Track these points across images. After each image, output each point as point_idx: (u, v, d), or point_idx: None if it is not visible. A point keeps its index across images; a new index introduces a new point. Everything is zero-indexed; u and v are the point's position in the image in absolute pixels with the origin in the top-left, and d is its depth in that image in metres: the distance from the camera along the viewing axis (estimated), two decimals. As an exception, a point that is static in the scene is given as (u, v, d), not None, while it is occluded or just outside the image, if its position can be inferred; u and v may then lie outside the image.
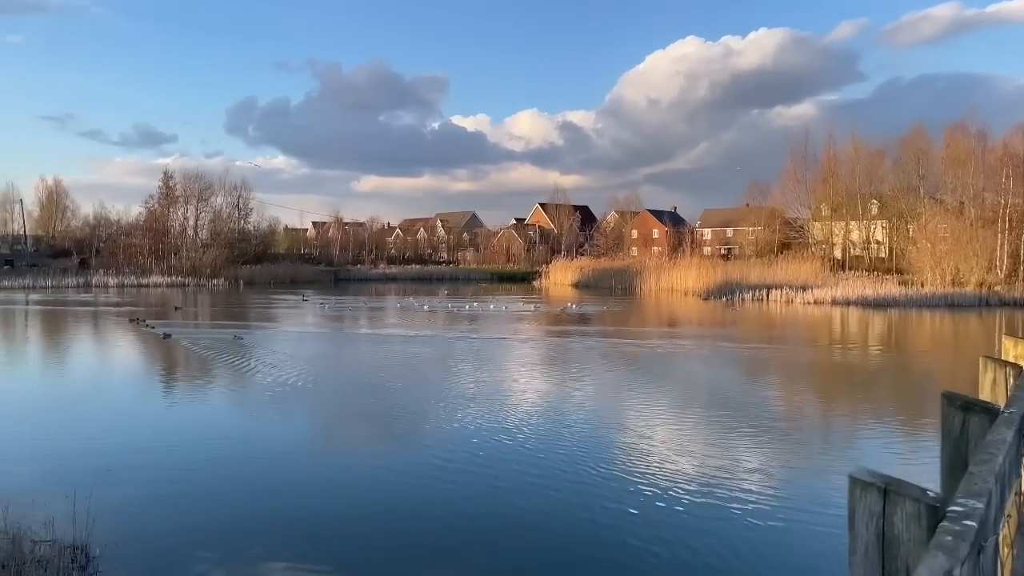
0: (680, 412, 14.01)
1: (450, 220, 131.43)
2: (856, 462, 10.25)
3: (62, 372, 20.41)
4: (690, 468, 10.01)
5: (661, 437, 11.92)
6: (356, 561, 7.04)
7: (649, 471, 9.86)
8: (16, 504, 7.25)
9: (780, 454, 10.95)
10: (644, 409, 14.27)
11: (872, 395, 16.69)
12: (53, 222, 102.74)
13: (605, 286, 63.06)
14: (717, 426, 12.70)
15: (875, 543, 2.07)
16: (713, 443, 11.47)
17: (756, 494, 8.83)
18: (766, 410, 14.26)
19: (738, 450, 11.03)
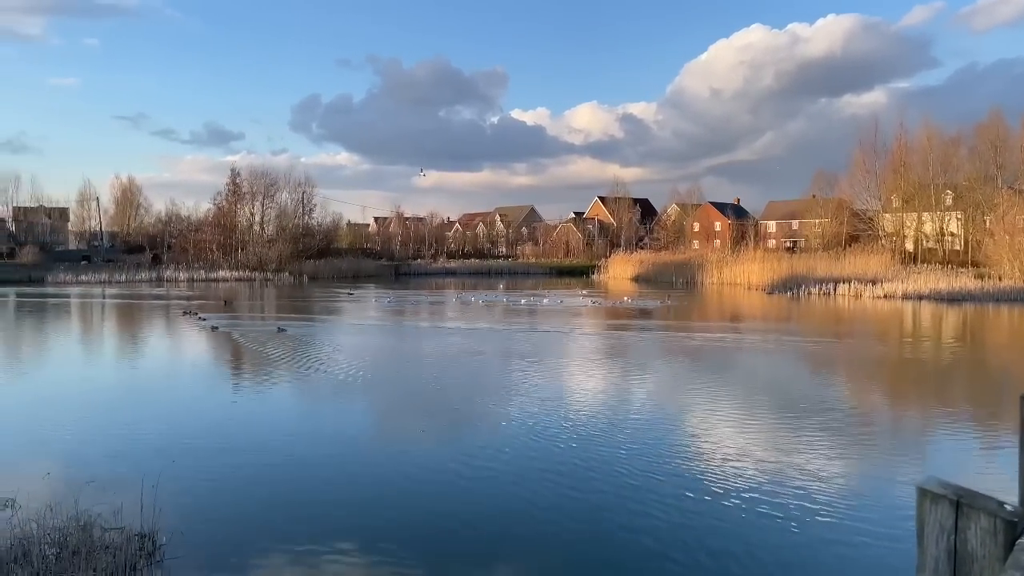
0: (742, 410, 13.69)
1: (509, 214, 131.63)
2: (925, 468, 9.87)
3: (120, 363, 21.16)
4: (751, 470, 9.76)
5: (721, 435, 11.67)
6: (413, 553, 7.07)
7: (708, 471, 9.65)
8: (86, 493, 7.53)
9: (845, 457, 10.58)
10: (705, 405, 14.01)
11: (944, 395, 16.03)
12: (127, 219, 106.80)
13: (665, 280, 62.23)
14: (780, 425, 12.36)
15: (946, 560, 1.93)
16: (775, 444, 11.16)
17: (819, 500, 8.51)
18: (832, 408, 13.81)
19: (801, 452, 10.70)
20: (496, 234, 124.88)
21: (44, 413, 13.69)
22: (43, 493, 8.14)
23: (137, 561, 6.54)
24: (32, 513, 7.10)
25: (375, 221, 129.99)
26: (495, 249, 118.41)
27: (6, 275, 69.44)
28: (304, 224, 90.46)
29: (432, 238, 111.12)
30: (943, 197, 64.69)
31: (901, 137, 68.16)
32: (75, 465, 9.74)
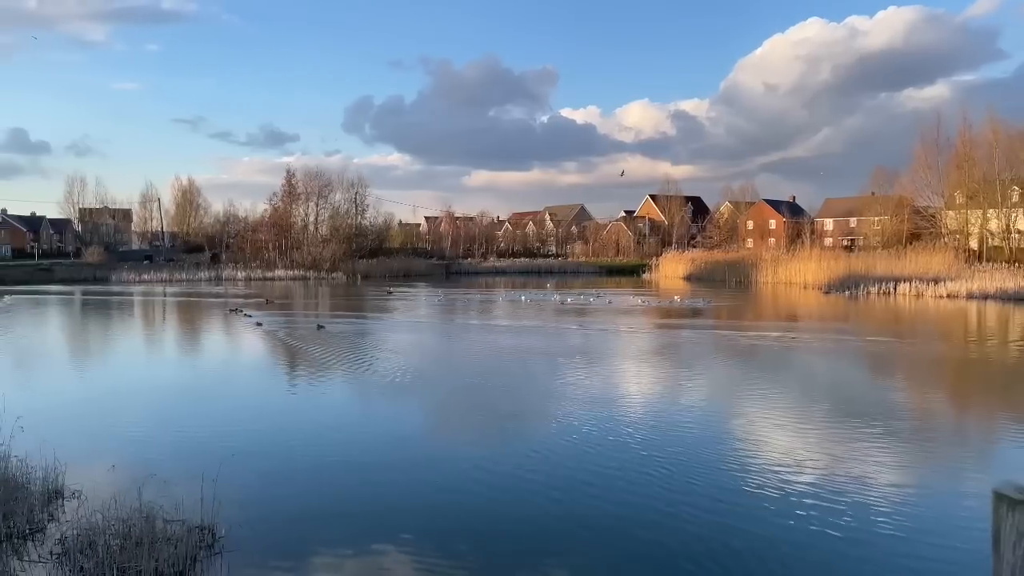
0: (797, 413, 13.40)
1: (559, 213, 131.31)
2: (992, 475, 9.50)
3: (175, 359, 21.82)
4: (807, 477, 9.50)
5: (776, 440, 11.43)
6: (465, 552, 7.09)
7: (763, 478, 9.44)
8: (149, 485, 7.73)
9: (910, 462, 10.25)
10: (759, 408, 13.74)
11: (1012, 398, 15.42)
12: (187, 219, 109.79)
13: (718, 279, 61.31)
14: (838, 430, 12.02)
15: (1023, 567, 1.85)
16: (833, 449, 10.86)
17: (882, 511, 8.22)
18: (893, 412, 13.41)
19: (861, 458, 10.38)
20: (546, 233, 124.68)
21: (109, 407, 14.16)
22: (108, 485, 8.40)
23: (198, 553, 6.70)
24: (98, 504, 7.33)
25: (426, 221, 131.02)
26: (545, 248, 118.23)
27: (73, 274, 72.04)
28: (357, 224, 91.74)
29: (482, 237, 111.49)
30: (1010, 193, 62.27)
31: (965, 131, 65.81)
32: (138, 458, 10.03)
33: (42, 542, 6.96)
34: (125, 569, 6.07)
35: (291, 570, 6.67)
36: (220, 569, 6.57)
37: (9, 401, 12.32)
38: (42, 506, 7.68)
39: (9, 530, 7.05)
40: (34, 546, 6.88)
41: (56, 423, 12.30)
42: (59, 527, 7.22)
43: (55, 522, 7.42)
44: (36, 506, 7.58)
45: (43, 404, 14.23)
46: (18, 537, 7.02)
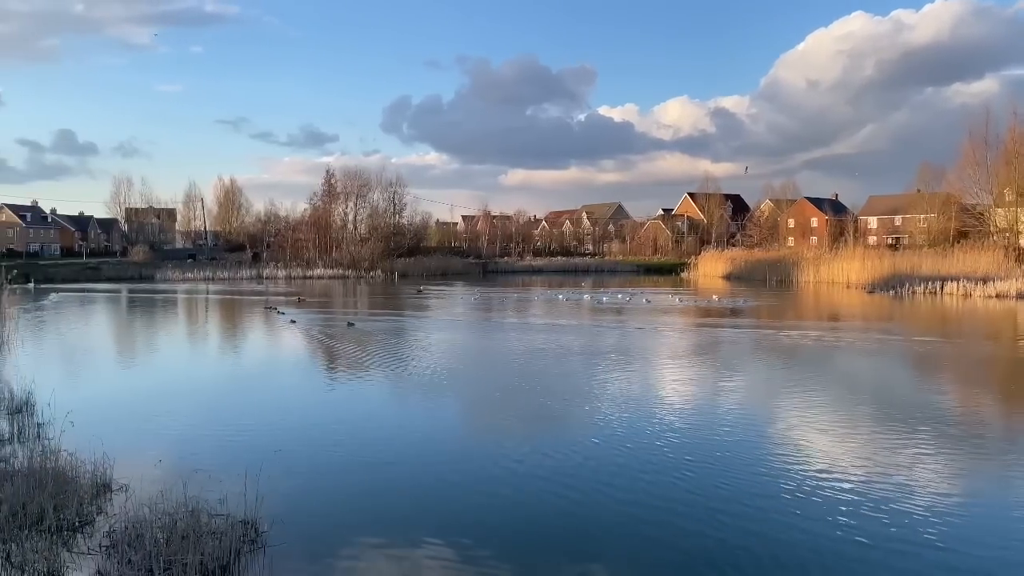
0: (843, 414, 13.14)
1: (596, 212, 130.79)
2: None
3: (216, 356, 22.29)
4: (853, 481, 9.30)
5: (820, 441, 11.21)
6: (503, 550, 7.09)
7: (806, 480, 9.28)
8: (195, 480, 7.88)
9: (959, 469, 9.95)
10: (801, 409, 13.51)
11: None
12: (229, 219, 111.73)
13: (758, 278, 60.48)
14: (885, 432, 11.74)
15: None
16: (880, 452, 10.62)
17: (931, 516, 7.99)
18: (942, 414, 13.05)
19: (909, 461, 10.12)
20: (583, 232, 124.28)
21: (154, 403, 14.47)
22: (155, 479, 8.58)
23: (241, 547, 6.80)
24: (145, 498, 7.49)
25: (463, 220, 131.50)
26: (581, 247, 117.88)
27: (119, 273, 73.81)
28: (395, 223, 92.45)
29: (519, 236, 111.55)
30: (1062, 190, 60.35)
31: (1015, 127, 63.83)
32: (183, 453, 10.22)
33: (91, 534, 7.13)
34: (171, 562, 6.18)
35: (331, 566, 6.74)
36: (262, 564, 6.66)
37: (59, 397, 12.66)
38: (91, 499, 7.86)
39: (59, 522, 7.23)
40: (83, 538, 7.05)
41: (104, 418, 12.59)
42: (107, 520, 7.38)
43: (104, 515, 7.59)
44: (85, 499, 7.77)
45: (92, 400, 14.58)
46: (68, 529, 7.19)
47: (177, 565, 6.15)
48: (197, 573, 6.18)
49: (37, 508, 7.30)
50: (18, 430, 11.11)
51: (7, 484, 7.94)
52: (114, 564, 6.30)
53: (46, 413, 11.91)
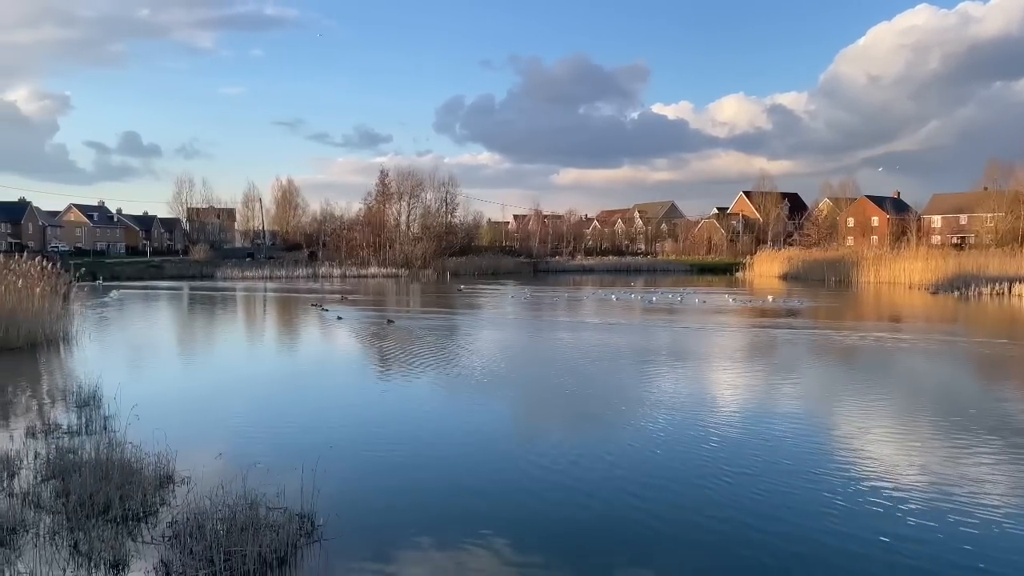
0: (904, 420, 12.74)
1: (648, 210, 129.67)
2: None
3: (269, 351, 22.80)
4: (914, 493, 8.97)
5: (878, 448, 10.87)
6: (551, 551, 7.06)
7: (862, 489, 9.01)
8: (253, 474, 8.05)
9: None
10: (859, 413, 13.15)
11: None
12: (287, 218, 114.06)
13: (816, 278, 59.17)
14: (950, 440, 11.29)
15: None
16: (944, 463, 10.20)
17: (997, 534, 7.71)
18: (1011, 422, 12.54)
19: (974, 472, 9.72)
20: (635, 231, 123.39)
21: (213, 397, 14.88)
22: (215, 472, 8.79)
23: (298, 540, 6.92)
24: (205, 490, 7.68)
25: (514, 219, 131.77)
26: (634, 246, 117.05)
27: (181, 270, 75.95)
28: (447, 223, 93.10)
29: (570, 235, 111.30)
30: None
31: (1091, 121, 61.16)
32: (241, 447, 10.45)
33: (155, 525, 7.33)
34: (231, 553, 6.32)
35: (385, 560, 6.80)
36: (318, 556, 6.77)
37: (124, 391, 13.08)
38: (154, 490, 8.09)
39: (125, 512, 7.46)
40: (147, 528, 7.26)
41: (166, 412, 12.95)
42: (170, 511, 7.59)
43: (166, 506, 7.80)
44: (149, 490, 7.99)
45: (154, 394, 15.02)
46: (133, 519, 7.42)
47: (237, 556, 6.28)
48: (256, 564, 6.31)
49: (104, 498, 7.55)
50: (85, 422, 11.51)
51: (76, 475, 8.23)
52: (176, 554, 6.47)
53: (112, 406, 12.31)
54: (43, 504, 7.72)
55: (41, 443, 10.21)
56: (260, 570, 6.31)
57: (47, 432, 10.88)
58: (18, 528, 7.04)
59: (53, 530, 7.07)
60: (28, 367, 18.03)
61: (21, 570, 6.26)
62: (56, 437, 10.61)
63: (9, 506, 7.53)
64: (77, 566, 6.41)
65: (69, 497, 7.69)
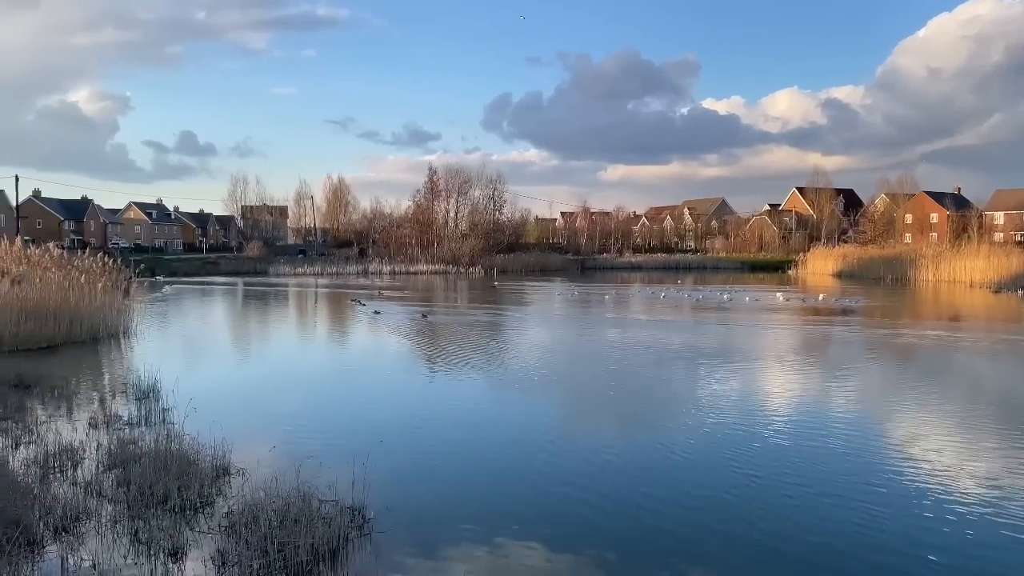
0: (964, 423, 12.29)
1: (698, 207, 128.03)
2: None
3: (313, 344, 23.27)
4: (976, 500, 8.72)
5: (941, 454, 10.52)
6: (600, 551, 7.01)
7: (920, 493, 8.74)
8: (307, 467, 8.17)
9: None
10: (919, 417, 12.76)
11: None
12: (337, 216, 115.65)
13: (872, 276, 57.68)
14: (1015, 444, 10.96)
15: None
16: (1013, 469, 9.92)
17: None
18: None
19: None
20: (684, 228, 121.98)
21: (267, 390, 15.19)
22: (269, 464, 8.94)
23: (349, 532, 7.00)
24: (260, 482, 7.82)
25: (561, 216, 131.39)
26: (683, 243, 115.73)
27: (236, 267, 77.66)
28: (494, 220, 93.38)
29: (618, 233, 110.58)
30: None
31: None
32: (294, 440, 10.63)
33: (211, 515, 7.50)
34: (285, 544, 6.42)
35: (434, 555, 6.84)
36: (369, 550, 6.84)
37: (182, 384, 13.42)
38: (211, 482, 8.27)
39: (183, 502, 7.65)
40: (204, 518, 7.43)
41: (222, 405, 13.26)
42: (226, 502, 7.75)
43: (222, 497, 7.97)
44: (206, 482, 8.18)
45: (210, 386, 15.40)
46: (190, 509, 7.59)
47: (290, 548, 6.38)
48: (309, 556, 6.40)
49: (163, 488, 7.74)
50: (145, 414, 11.83)
51: (136, 465, 8.47)
52: (232, 544, 6.60)
53: (170, 399, 12.62)
54: (105, 493, 7.95)
55: (103, 434, 10.51)
56: (313, 562, 6.40)
57: (109, 423, 11.21)
58: (81, 516, 7.27)
59: (114, 518, 7.28)
60: (90, 360, 18.63)
61: (84, 556, 6.46)
62: (117, 428, 10.92)
63: (73, 494, 7.77)
64: (137, 554, 6.59)
65: (130, 487, 7.91)
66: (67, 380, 14.96)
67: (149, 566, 6.36)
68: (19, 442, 10.09)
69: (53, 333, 20.02)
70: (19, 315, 19.50)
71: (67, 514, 7.20)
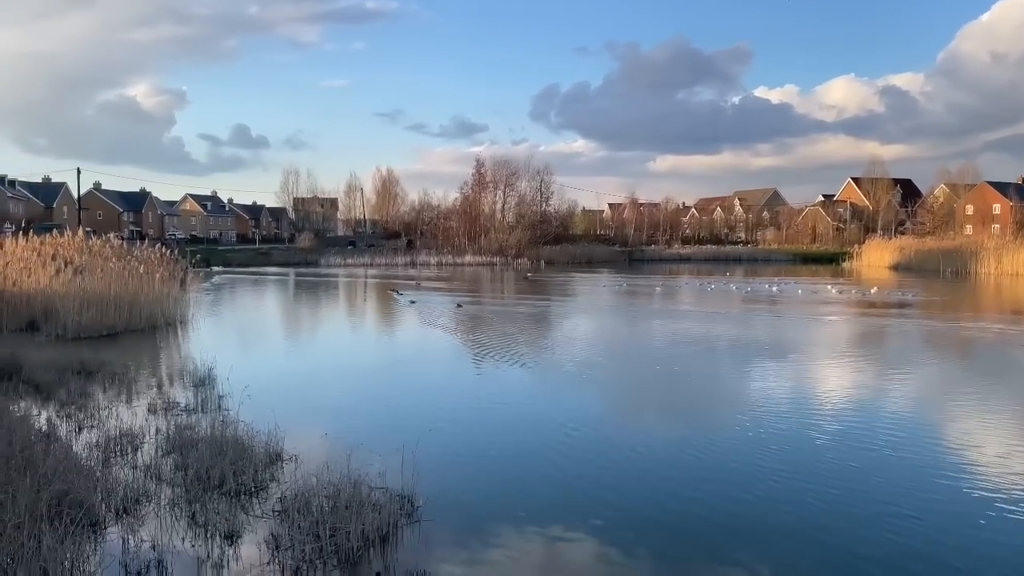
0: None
1: (749, 198, 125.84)
2: None
3: (359, 333, 23.60)
4: (1046, 484, 8.41)
5: (997, 453, 10.21)
6: (648, 542, 6.96)
7: (977, 497, 8.48)
8: (357, 454, 8.27)
9: None
10: (985, 418, 12.35)
11: None
12: (386, 207, 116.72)
13: (930, 269, 56.01)
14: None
15: None
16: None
17: None
18: None
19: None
20: (735, 219, 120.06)
21: (318, 378, 15.47)
22: (321, 451, 9.10)
23: (399, 519, 7.08)
24: (312, 468, 7.95)
25: (609, 207, 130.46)
26: (733, 235, 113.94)
27: (288, 258, 79.07)
28: (541, 211, 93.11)
29: (666, 224, 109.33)
30: None
31: None
32: (345, 428, 10.76)
33: (265, 500, 7.66)
34: (336, 530, 6.52)
35: (482, 543, 6.87)
36: (419, 536, 6.90)
37: (236, 371, 13.72)
38: (265, 467, 8.44)
39: (238, 487, 7.82)
40: (258, 503, 7.59)
41: (275, 392, 13.51)
42: (279, 487, 7.90)
43: (276, 482, 8.12)
44: (260, 467, 8.35)
45: (264, 373, 15.72)
46: (245, 494, 7.76)
47: (341, 533, 6.48)
48: (359, 542, 6.48)
49: (219, 473, 7.93)
50: (201, 401, 12.13)
51: (193, 450, 8.69)
52: (285, 529, 6.73)
53: (225, 386, 12.90)
54: (163, 477, 8.18)
55: (161, 419, 10.82)
56: (363, 547, 6.49)
57: (167, 409, 11.53)
58: (141, 498, 7.49)
59: (173, 501, 7.48)
60: (149, 348, 19.17)
61: (144, 537, 6.65)
62: (175, 414, 11.23)
63: (134, 477, 8.01)
64: (195, 536, 6.77)
65: (187, 471, 8.13)
66: (127, 367, 15.41)
67: (206, 548, 6.52)
68: (82, 426, 10.44)
69: (113, 321, 20.68)
70: (81, 304, 20.19)
71: (128, 496, 7.43)
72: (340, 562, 6.27)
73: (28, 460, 7.63)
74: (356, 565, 6.28)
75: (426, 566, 6.21)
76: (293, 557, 6.29)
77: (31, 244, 24.08)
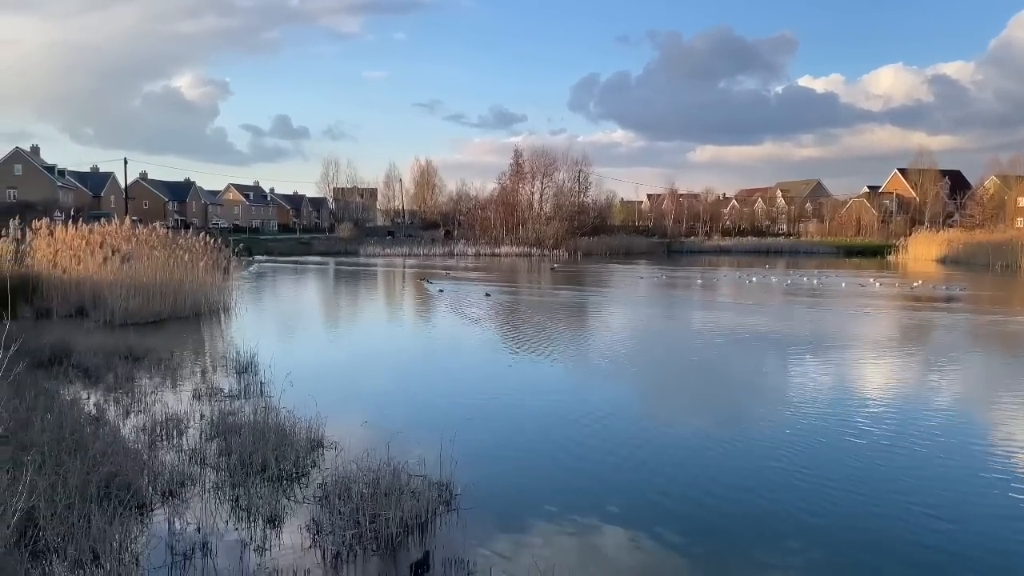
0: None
1: (791, 189, 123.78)
2: None
3: (394, 322, 23.94)
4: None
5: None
6: (681, 537, 6.92)
7: None
8: (397, 442, 8.34)
9: None
10: None
11: None
12: (424, 198, 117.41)
13: (979, 262, 54.57)
14: None
15: None
16: None
17: None
18: None
19: None
20: (776, 211, 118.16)
21: (357, 366, 15.67)
22: (360, 438, 9.21)
23: (437, 507, 7.14)
24: (352, 456, 8.05)
25: (648, 198, 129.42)
26: (775, 227, 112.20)
27: (328, 247, 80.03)
28: (579, 202, 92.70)
29: (706, 215, 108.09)
30: None
31: None
32: (384, 416, 10.88)
33: (306, 485, 7.78)
34: (375, 516, 6.60)
35: (519, 532, 6.89)
36: (456, 524, 6.95)
37: (278, 358, 13.94)
38: (306, 453, 8.57)
39: (280, 472, 7.96)
40: (300, 488, 7.71)
41: (316, 379, 13.67)
42: (320, 473, 8.02)
43: (317, 468, 8.25)
44: (301, 453, 8.49)
45: (305, 361, 15.93)
46: (287, 479, 7.90)
47: (380, 520, 6.55)
48: (398, 528, 6.55)
49: (261, 458, 8.08)
50: (244, 387, 12.35)
51: (236, 436, 8.86)
52: (326, 514, 6.83)
53: (267, 373, 13.12)
54: (207, 461, 8.35)
55: (206, 405, 11.05)
56: (402, 534, 6.56)
57: (211, 395, 11.76)
58: (186, 482, 7.66)
59: (216, 485, 7.64)
60: (193, 335, 19.57)
61: (189, 520, 6.81)
62: (219, 400, 11.45)
63: (179, 461, 8.20)
64: (238, 519, 6.90)
65: (230, 456, 8.29)
66: (172, 353, 15.76)
67: (249, 531, 6.65)
68: (129, 411, 10.71)
69: (159, 308, 21.15)
70: (128, 291, 20.68)
71: (173, 479, 7.61)
72: (379, 548, 6.35)
73: (78, 442, 7.85)
74: (395, 551, 6.34)
75: (464, 554, 6.25)
76: (334, 542, 6.38)
77: (80, 232, 24.69)
